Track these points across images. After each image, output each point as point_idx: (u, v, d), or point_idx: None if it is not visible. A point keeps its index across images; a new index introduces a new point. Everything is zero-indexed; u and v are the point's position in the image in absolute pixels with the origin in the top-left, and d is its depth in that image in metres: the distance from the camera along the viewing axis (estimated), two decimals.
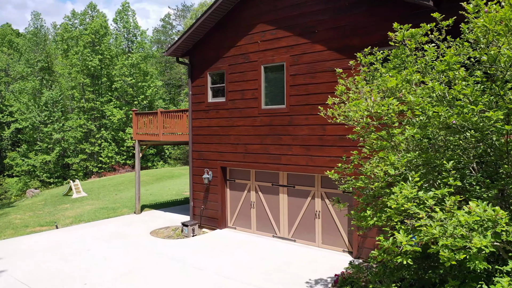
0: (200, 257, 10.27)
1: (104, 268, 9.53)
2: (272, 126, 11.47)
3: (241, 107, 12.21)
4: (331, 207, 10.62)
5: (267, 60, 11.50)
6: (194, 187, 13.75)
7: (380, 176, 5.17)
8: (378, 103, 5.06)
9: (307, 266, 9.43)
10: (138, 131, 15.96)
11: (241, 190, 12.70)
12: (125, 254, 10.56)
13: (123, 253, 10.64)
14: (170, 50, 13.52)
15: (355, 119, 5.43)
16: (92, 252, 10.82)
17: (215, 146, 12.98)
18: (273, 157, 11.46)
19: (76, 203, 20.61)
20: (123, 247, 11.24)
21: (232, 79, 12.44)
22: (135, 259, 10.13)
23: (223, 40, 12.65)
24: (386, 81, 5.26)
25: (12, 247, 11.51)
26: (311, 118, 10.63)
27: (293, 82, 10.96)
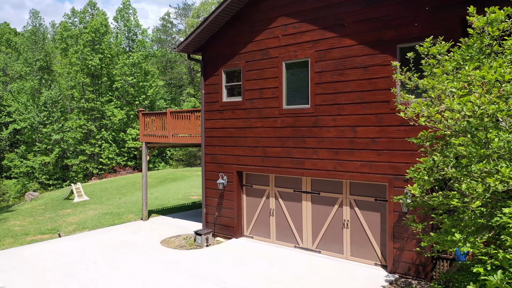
0: (219, 271, 9.36)
1: (113, 283, 8.61)
2: (295, 127, 10.58)
3: (260, 107, 11.31)
4: (361, 216, 9.73)
5: (289, 56, 10.61)
6: (207, 193, 12.84)
7: (479, 192, 4.21)
8: (489, 100, 4.00)
9: (338, 281, 8.53)
10: (145, 132, 15.04)
11: (259, 196, 11.80)
12: (136, 267, 9.64)
13: (133, 266, 9.73)
14: (181, 46, 12.61)
15: (450, 120, 4.39)
16: (99, 265, 9.90)
17: (230, 149, 12.07)
18: (296, 161, 10.57)
19: (78, 208, 19.67)
20: (132, 259, 10.32)
21: (249, 76, 11.55)
22: (146, 273, 9.21)
23: (239, 35, 11.75)
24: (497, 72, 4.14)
25: (12, 258, 10.58)
26: (339, 119, 9.74)
27: (319, 80, 10.07)
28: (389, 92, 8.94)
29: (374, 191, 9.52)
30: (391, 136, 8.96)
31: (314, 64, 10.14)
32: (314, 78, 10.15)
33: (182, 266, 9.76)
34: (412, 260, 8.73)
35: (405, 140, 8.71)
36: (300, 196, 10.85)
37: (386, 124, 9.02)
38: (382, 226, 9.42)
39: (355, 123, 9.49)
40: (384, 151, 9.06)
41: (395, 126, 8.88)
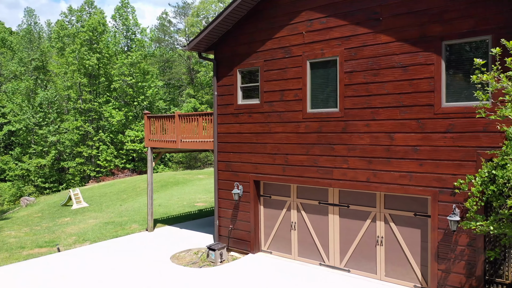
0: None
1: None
2: (321, 133, 9.57)
3: (281, 111, 10.30)
4: (398, 232, 8.73)
5: (315, 55, 9.60)
6: (220, 203, 11.80)
7: None
8: None
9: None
10: (151, 137, 13.98)
11: (278, 208, 10.79)
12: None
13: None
14: (192, 43, 11.58)
15: None
16: (106, 285, 8.84)
17: (247, 156, 11.05)
18: (322, 171, 9.56)
19: (77, 216, 18.57)
20: (142, 279, 9.27)
21: (268, 77, 10.53)
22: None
23: (257, 31, 10.74)
24: None
25: (5, 281, 9.49)
26: (373, 125, 8.75)
27: (349, 81, 9.08)
28: (433, 94, 7.96)
29: (413, 205, 8.54)
30: (435, 144, 7.97)
31: (344, 64, 9.14)
32: (344, 79, 9.15)
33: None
34: (461, 284, 7.74)
35: (452, 148, 7.73)
36: (326, 209, 9.85)
37: (429, 130, 8.03)
38: (422, 244, 8.43)
39: (392, 129, 8.50)
40: (427, 160, 8.07)
41: (441, 133, 7.90)
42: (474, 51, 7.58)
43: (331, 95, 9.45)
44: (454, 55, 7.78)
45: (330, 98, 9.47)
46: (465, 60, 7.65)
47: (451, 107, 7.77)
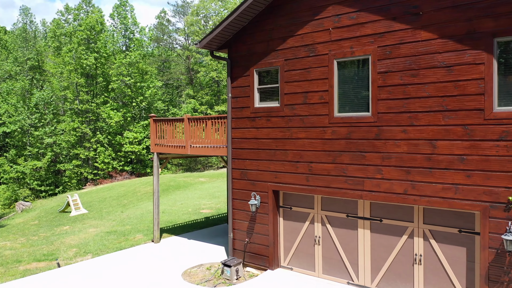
0: None
1: None
2: (351, 140, 8.70)
3: (304, 114, 9.41)
4: (439, 250, 7.87)
5: (343, 53, 8.73)
6: (234, 215, 10.90)
7: None
8: None
9: None
10: (157, 141, 13.04)
11: (300, 220, 9.90)
12: None
13: None
14: (204, 41, 10.67)
15: None
16: None
17: (265, 163, 10.15)
18: (352, 181, 8.68)
19: (76, 224, 17.59)
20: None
21: (290, 77, 9.64)
22: None
23: (276, 28, 9.85)
24: None
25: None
26: (412, 131, 7.88)
27: (383, 82, 8.21)
28: (483, 97, 7.10)
29: (458, 220, 7.68)
30: (486, 154, 7.11)
31: (377, 63, 8.27)
32: (377, 80, 8.28)
33: None
34: None
35: (507, 158, 6.88)
36: (355, 223, 8.97)
37: (478, 138, 7.18)
38: (468, 265, 7.58)
39: (434, 136, 7.63)
40: (475, 172, 7.21)
41: (492, 141, 7.04)
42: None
43: (362, 98, 8.58)
44: (508, 54, 6.93)
45: (361, 101, 8.60)
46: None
47: (505, 111, 6.92)
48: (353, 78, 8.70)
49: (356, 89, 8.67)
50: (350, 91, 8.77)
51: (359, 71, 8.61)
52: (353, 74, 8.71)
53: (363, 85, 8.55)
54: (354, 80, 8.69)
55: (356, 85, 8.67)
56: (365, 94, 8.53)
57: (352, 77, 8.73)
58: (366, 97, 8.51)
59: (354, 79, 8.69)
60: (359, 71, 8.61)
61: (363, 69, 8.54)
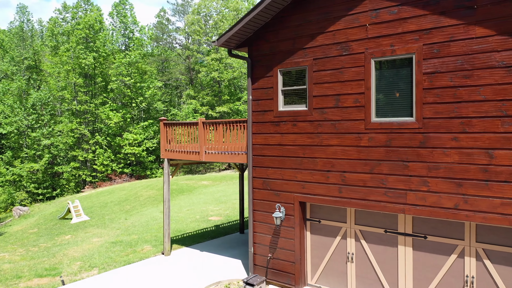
0: None
1: None
2: (391, 147, 7.85)
3: (335, 119, 8.56)
4: (495, 272, 7.04)
5: (382, 52, 7.88)
6: (255, 227, 10.03)
7: None
8: None
9: None
10: (168, 146, 12.14)
11: (330, 235, 9.04)
12: None
13: None
14: (222, 39, 9.80)
15: None
16: None
17: (290, 172, 9.29)
18: (392, 193, 7.83)
19: (78, 232, 16.65)
20: None
21: (319, 78, 8.79)
22: None
23: (304, 24, 8.99)
24: None
25: None
26: (464, 139, 7.05)
27: (430, 84, 7.37)
28: None
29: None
30: None
31: (422, 62, 7.43)
32: (422, 81, 7.44)
33: None
34: None
35: None
36: (394, 239, 8.12)
37: None
38: None
39: (491, 145, 6.80)
40: None
41: None
42: None
43: (404, 101, 7.73)
44: None
45: (403, 104, 7.75)
46: None
47: None
48: (394, 79, 7.86)
49: (397, 91, 7.82)
50: (389, 94, 7.92)
51: (401, 71, 7.76)
52: (394, 75, 7.86)
53: (406, 87, 7.71)
54: (395, 82, 7.84)
55: (397, 87, 7.82)
56: (407, 97, 7.68)
57: (392, 78, 7.88)
58: (409, 100, 7.67)
59: (395, 80, 7.84)
60: (400, 72, 7.77)
61: (406, 70, 7.70)
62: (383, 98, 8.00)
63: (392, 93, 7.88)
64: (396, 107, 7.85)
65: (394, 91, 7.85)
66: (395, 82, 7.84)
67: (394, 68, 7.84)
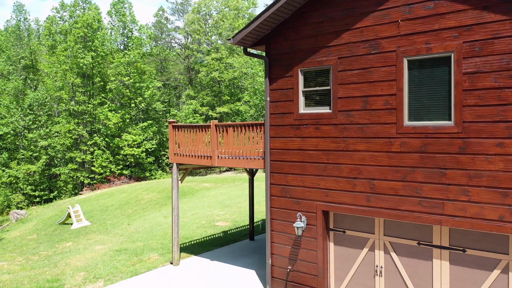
0: None
1: None
2: (426, 153, 7.27)
3: (363, 123, 7.97)
4: None
5: (416, 50, 7.30)
6: (273, 238, 9.42)
7: None
8: None
9: None
10: (177, 150, 11.51)
11: (356, 246, 8.45)
12: None
13: None
14: (238, 36, 9.19)
15: None
16: None
17: (312, 179, 8.69)
18: (427, 203, 7.25)
19: (80, 239, 15.97)
20: None
21: (345, 79, 8.19)
22: None
23: (327, 20, 8.39)
24: None
25: None
26: (510, 145, 6.48)
27: (471, 85, 6.79)
28: None
29: None
30: None
31: (462, 62, 6.85)
32: (462, 82, 6.86)
33: None
34: None
35: None
36: (429, 252, 7.54)
37: None
38: None
39: None
40: None
41: None
42: None
43: (441, 104, 7.15)
44: None
45: (440, 107, 7.17)
46: None
47: None
48: (429, 79, 7.27)
49: (433, 93, 7.24)
50: (424, 95, 7.34)
51: (437, 71, 7.18)
52: (429, 75, 7.27)
53: (443, 88, 7.12)
54: (430, 83, 7.25)
55: (433, 88, 7.23)
56: (445, 99, 7.10)
57: (427, 79, 7.30)
58: (446, 102, 7.08)
59: (430, 81, 7.25)
60: (437, 72, 7.18)
61: (443, 69, 7.11)
62: (417, 100, 7.41)
63: (427, 94, 7.29)
64: (432, 110, 7.26)
65: (429, 92, 7.27)
66: (430, 82, 7.25)
67: (430, 68, 7.25)
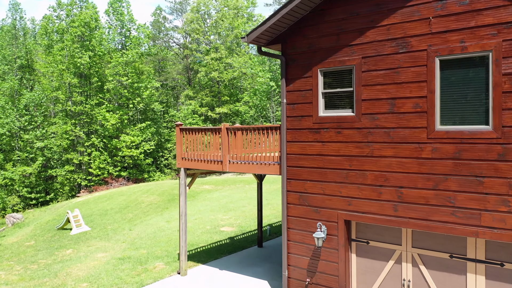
0: None
1: None
2: (461, 160, 6.76)
3: (390, 126, 7.45)
4: None
5: (450, 49, 6.79)
6: (289, 248, 8.88)
7: None
8: None
9: None
10: (185, 155, 10.94)
11: (381, 258, 7.93)
12: None
13: None
14: (252, 35, 8.66)
15: None
16: None
17: (333, 186, 8.16)
18: (462, 213, 6.75)
19: (80, 246, 15.35)
20: None
21: (369, 80, 7.67)
22: None
23: (351, 17, 7.87)
24: None
25: None
26: None
27: (511, 87, 6.29)
28: None
29: None
30: None
31: (502, 61, 6.36)
32: (501, 84, 6.37)
33: None
34: None
35: None
36: (462, 266, 7.04)
37: None
38: None
39: None
40: None
41: None
42: None
43: (478, 107, 6.65)
44: None
45: (476, 110, 6.67)
46: None
47: None
48: (464, 81, 6.77)
49: (468, 95, 6.73)
50: (458, 97, 6.83)
51: (473, 72, 6.68)
52: (464, 75, 6.77)
53: (480, 90, 6.62)
54: (465, 84, 6.75)
55: (468, 90, 6.73)
56: (482, 102, 6.60)
57: (462, 80, 6.79)
58: (484, 106, 6.58)
59: (465, 82, 6.75)
60: (473, 72, 6.68)
61: (480, 70, 6.61)
62: (450, 102, 6.90)
63: (462, 97, 6.79)
64: (467, 114, 6.76)
65: (464, 94, 6.76)
66: (465, 84, 6.74)
67: (465, 68, 6.75)
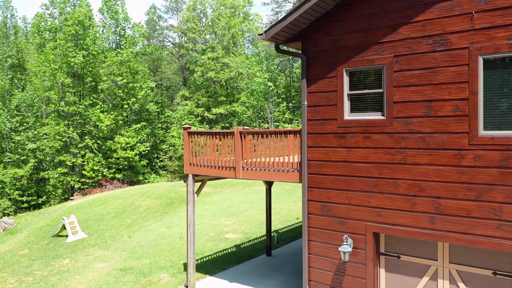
0: None
1: None
2: (508, 169, 6.17)
3: (426, 131, 6.84)
4: None
5: (495, 47, 6.19)
6: (311, 262, 8.22)
7: None
8: None
9: None
10: (193, 160, 10.23)
11: (414, 274, 7.31)
12: None
13: None
14: (271, 31, 7.99)
15: None
16: None
17: (361, 196, 7.53)
18: (509, 227, 6.15)
19: (77, 255, 14.53)
20: None
21: (402, 80, 7.05)
22: None
23: (381, 12, 7.25)
24: None
25: None
26: None
27: None
28: None
29: None
30: None
31: None
32: None
33: None
34: None
35: None
36: (508, 284, 6.44)
37: None
38: None
39: None
40: None
41: None
42: None
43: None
44: None
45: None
46: None
47: None
48: (511, 82, 6.17)
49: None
50: (505, 100, 6.23)
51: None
52: (511, 76, 6.17)
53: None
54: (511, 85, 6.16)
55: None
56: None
57: (508, 81, 6.19)
58: None
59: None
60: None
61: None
62: (495, 106, 6.30)
63: (509, 99, 6.19)
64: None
65: (510, 97, 6.17)
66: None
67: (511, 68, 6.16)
